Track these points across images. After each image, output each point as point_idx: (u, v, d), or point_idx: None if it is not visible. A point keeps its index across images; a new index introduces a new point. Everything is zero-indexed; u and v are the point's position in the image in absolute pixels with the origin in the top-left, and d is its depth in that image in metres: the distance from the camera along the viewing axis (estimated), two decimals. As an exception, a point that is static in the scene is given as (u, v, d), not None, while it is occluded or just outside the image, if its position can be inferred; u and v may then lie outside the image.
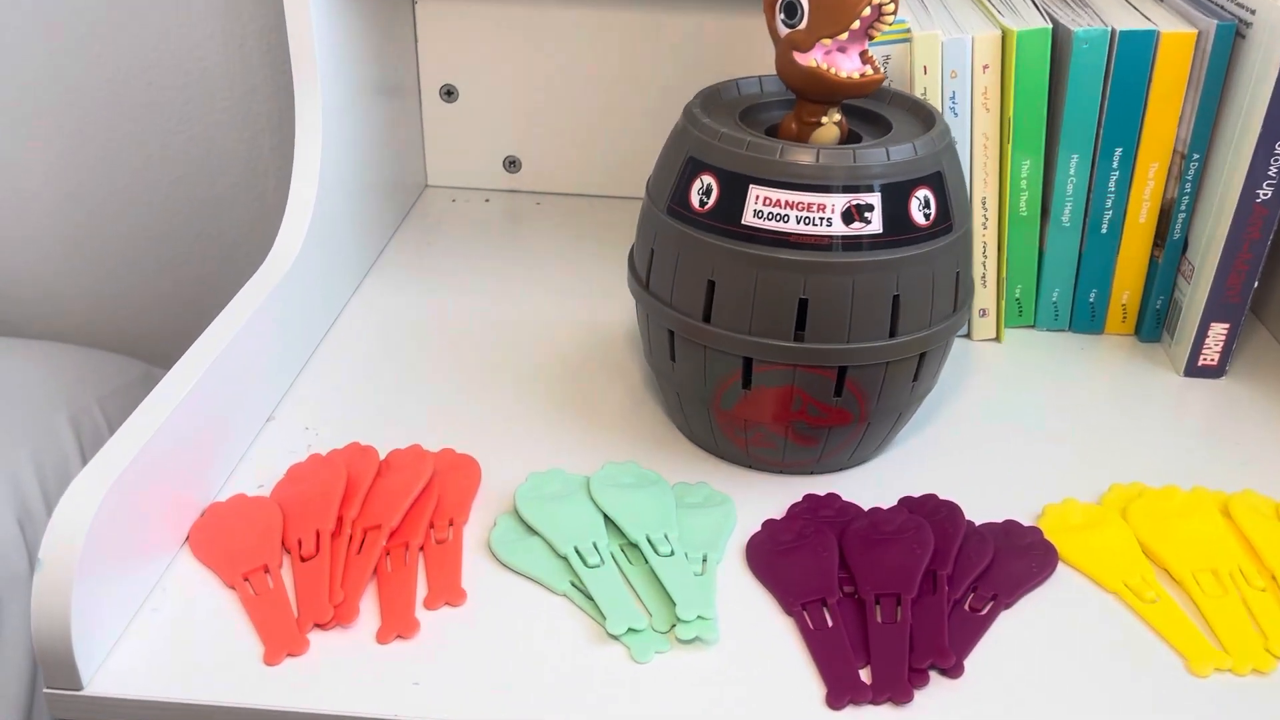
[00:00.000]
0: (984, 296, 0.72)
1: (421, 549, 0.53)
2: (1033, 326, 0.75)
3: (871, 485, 0.59)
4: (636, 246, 0.59)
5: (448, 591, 0.50)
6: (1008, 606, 0.51)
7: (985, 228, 0.70)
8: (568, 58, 0.89)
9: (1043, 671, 0.48)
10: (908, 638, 0.48)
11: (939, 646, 0.47)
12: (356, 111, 0.76)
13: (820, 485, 0.59)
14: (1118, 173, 0.69)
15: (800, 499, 0.57)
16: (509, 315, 0.75)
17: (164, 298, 1.06)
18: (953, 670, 0.47)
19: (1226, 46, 0.64)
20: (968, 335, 0.73)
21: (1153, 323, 0.73)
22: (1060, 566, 0.53)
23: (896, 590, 0.50)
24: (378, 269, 0.80)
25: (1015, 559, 0.53)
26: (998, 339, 0.73)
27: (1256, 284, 0.66)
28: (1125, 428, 0.65)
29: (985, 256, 0.71)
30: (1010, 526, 0.55)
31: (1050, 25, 0.65)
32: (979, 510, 0.56)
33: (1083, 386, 0.69)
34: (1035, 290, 0.73)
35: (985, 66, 0.66)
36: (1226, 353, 0.69)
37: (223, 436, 0.57)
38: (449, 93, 0.91)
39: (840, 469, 0.60)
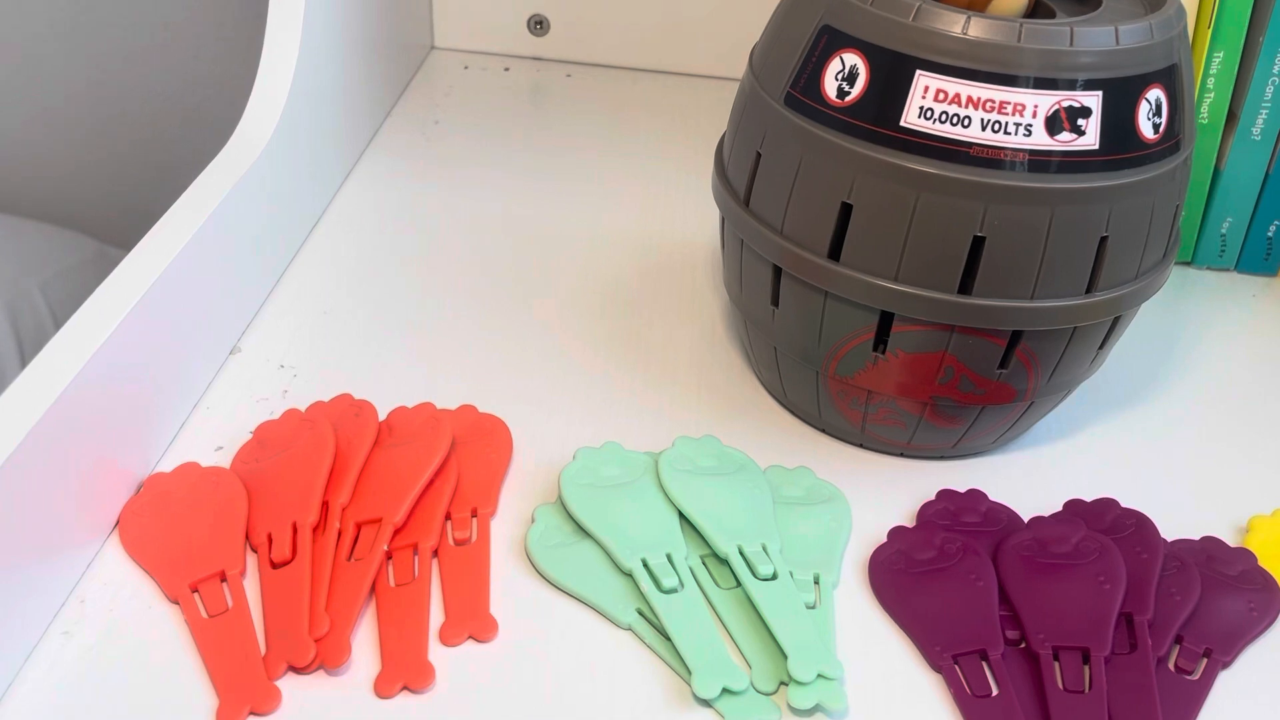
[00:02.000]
0: (1141, 225, 0.57)
1: (436, 553, 0.39)
2: (1189, 264, 0.60)
3: (1022, 479, 0.45)
4: (732, 146, 0.44)
5: (473, 619, 0.37)
6: (1226, 666, 0.38)
7: (1158, 138, 0.55)
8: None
9: (1278, 763, 0.35)
10: (1105, 716, 0.35)
11: (1152, 733, 0.34)
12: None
13: (956, 475, 0.45)
14: (1335, 74, 0.53)
15: (934, 496, 0.43)
16: (541, 222, 0.59)
17: (132, 178, 0.90)
18: (1171, 769, 0.34)
19: None
20: (1112, 272, 0.59)
21: (1343, 267, 0.59)
22: (1281, 606, 0.40)
23: (1083, 644, 0.37)
24: (372, 152, 0.64)
25: (1227, 597, 0.40)
26: (1150, 278, 0.59)
27: None
28: (1324, 405, 0.51)
29: (1151, 175, 0.56)
30: (1211, 548, 0.42)
31: None
32: (1163, 520, 0.43)
33: (1260, 346, 0.55)
34: (1201, 219, 0.59)
35: (1195, -79, 0.50)
36: None
37: (170, 376, 0.43)
38: (464, -69, 0.73)
39: (979, 454, 0.46)
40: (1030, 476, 0.45)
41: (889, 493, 0.44)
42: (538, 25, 0.76)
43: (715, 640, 0.36)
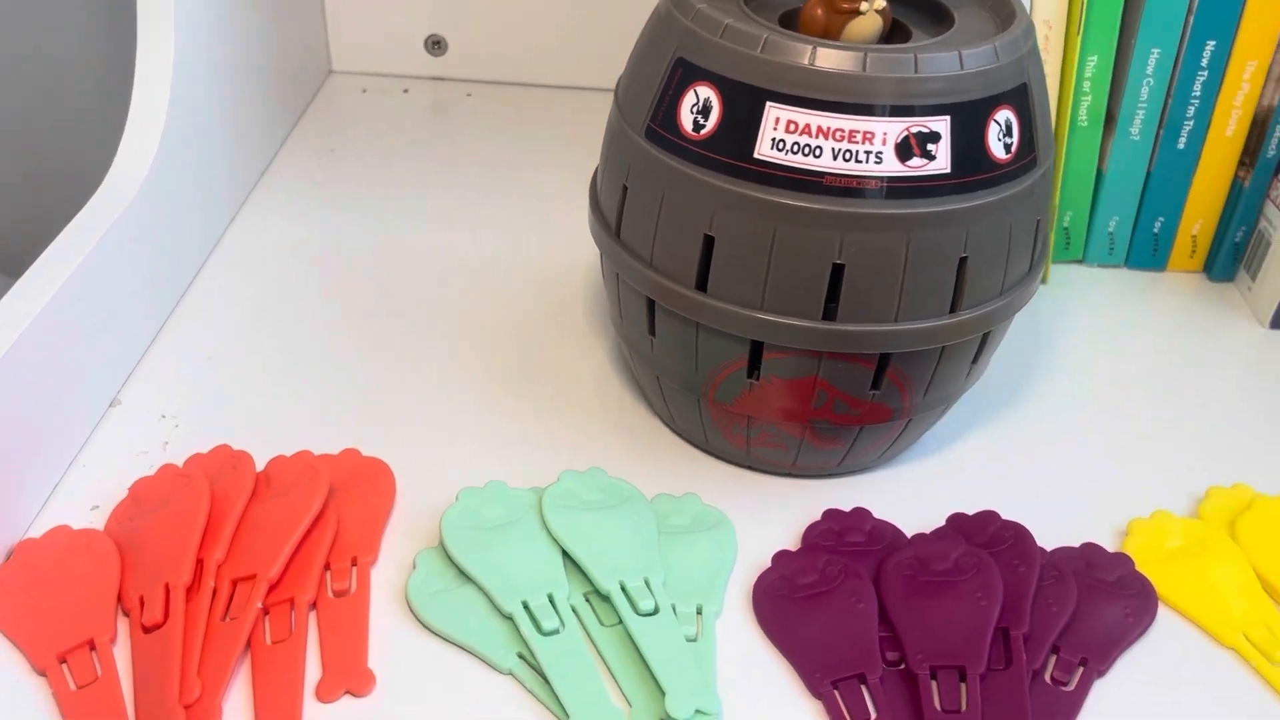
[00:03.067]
0: (1029, 228, 0.58)
1: (314, 606, 0.39)
2: (1081, 261, 0.61)
3: (908, 494, 0.45)
4: (603, 178, 0.44)
5: (349, 674, 0.36)
6: (1101, 675, 0.38)
7: (1038, 143, 0.55)
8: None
9: (1151, 769, 0.36)
10: (979, 734, 0.35)
11: (1023, 751, 0.35)
12: (226, -21, 0.58)
13: (842, 493, 0.45)
14: (1206, 73, 0.54)
15: (819, 517, 0.44)
16: (441, 250, 0.59)
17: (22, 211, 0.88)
18: (1042, 783, 0.35)
19: (1370, -92, 0.49)
20: (1005, 274, 0.60)
21: (1228, 259, 0.59)
22: (1159, 610, 0.41)
23: (960, 662, 0.37)
24: (264, 186, 0.63)
25: (1104, 604, 0.40)
26: (1043, 279, 0.59)
27: (1372, 218, 0.53)
28: (1206, 399, 0.52)
29: (1035, 178, 0.56)
30: (1090, 555, 0.42)
31: (1145, -125, 0.50)
32: (1045, 528, 0.43)
33: (1146, 342, 0.56)
34: (1089, 218, 0.59)
35: (1058, -70, 0.50)
36: (1325, 301, 0.56)
37: (43, 435, 0.42)
38: (354, -46, 0.72)
39: (866, 470, 0.46)
40: (915, 491, 0.46)
41: (776, 514, 0.44)
42: (435, 45, 0.76)
43: (594, 681, 0.36)
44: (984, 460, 0.48)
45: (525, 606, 0.38)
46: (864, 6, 0.39)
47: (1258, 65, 0.54)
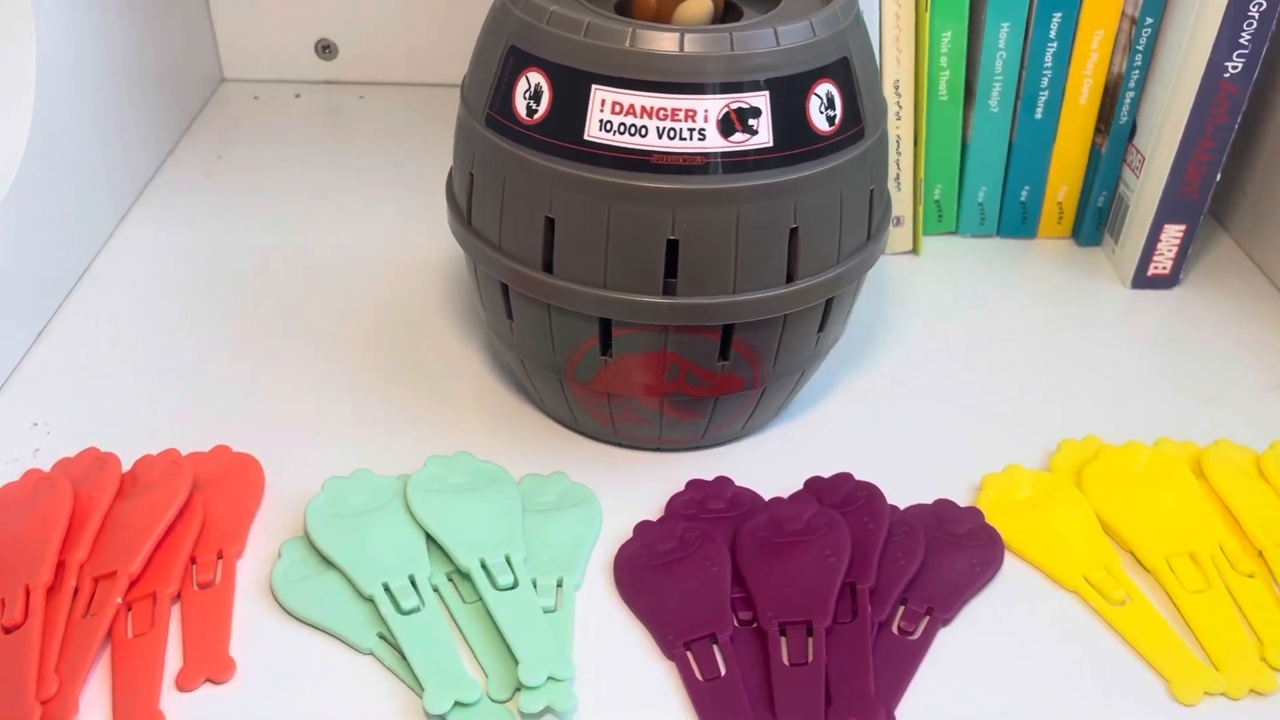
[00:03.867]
0: (899, 202, 0.59)
1: (178, 599, 0.39)
2: (954, 233, 0.63)
3: (771, 461, 0.47)
4: (454, 168, 0.45)
5: (209, 662, 0.37)
6: (946, 623, 0.40)
7: (899, 118, 0.57)
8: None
9: (994, 709, 0.37)
10: (823, 684, 0.37)
11: (862, 698, 0.36)
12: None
13: (708, 464, 0.46)
14: (1055, 44, 0.56)
15: (683, 487, 0.45)
16: (319, 251, 0.59)
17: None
18: (881, 727, 0.36)
19: (1193, -122, 0.51)
20: (879, 248, 0.61)
21: (1093, 223, 0.61)
22: (1007, 558, 0.43)
23: (807, 617, 0.38)
24: (149, 194, 0.64)
25: (952, 556, 0.42)
26: (915, 251, 0.61)
27: (1219, 177, 0.55)
28: (1068, 358, 0.54)
29: (899, 154, 0.58)
30: (943, 510, 0.44)
31: None
32: (905, 487, 0.45)
33: (1015, 307, 0.58)
34: (958, 190, 0.61)
35: (898, -89, 0.52)
36: (1181, 259, 0.58)
37: (-93, 451, 0.42)
38: (236, -39, 0.73)
39: (732, 440, 0.48)
40: (778, 458, 0.47)
41: (643, 487, 0.45)
42: (325, 49, 0.76)
43: (451, 655, 0.37)
44: (849, 426, 0.49)
45: (386, 588, 0.39)
46: (691, -11, 0.40)
47: (1104, 34, 0.56)
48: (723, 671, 0.37)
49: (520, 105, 0.39)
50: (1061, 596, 0.41)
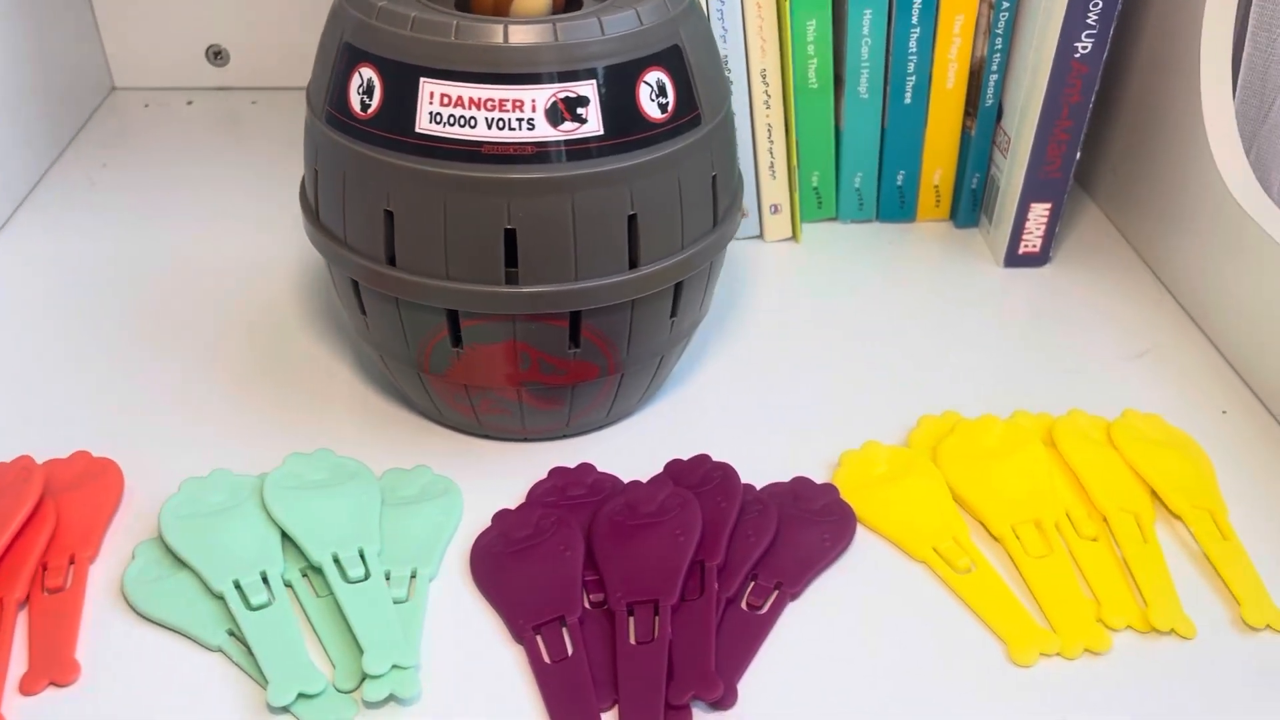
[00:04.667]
0: (774, 190, 0.60)
1: (26, 604, 0.39)
2: (835, 219, 0.64)
3: (637, 446, 0.47)
4: (305, 166, 0.45)
5: (53, 665, 0.37)
6: (795, 597, 0.41)
7: (769, 107, 0.58)
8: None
9: (838, 678, 0.38)
10: (665, 660, 0.37)
11: (703, 672, 0.37)
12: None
13: (574, 452, 0.47)
14: (919, 29, 0.57)
15: (545, 476, 0.45)
16: (196, 257, 0.59)
17: None
18: (723, 701, 0.37)
19: None
20: (760, 237, 0.62)
21: (969, 205, 0.63)
22: (860, 532, 0.44)
23: (654, 596, 0.39)
24: (30, 204, 0.63)
25: (804, 531, 0.43)
26: (794, 238, 0.62)
27: (1079, 155, 0.57)
28: (938, 339, 0.55)
29: (772, 141, 0.59)
30: (799, 487, 0.45)
31: None
32: (767, 467, 0.46)
33: (891, 290, 0.59)
34: (835, 177, 0.62)
35: (750, -98, 0.53)
36: (1050, 238, 0.59)
37: None
38: (120, -31, 0.72)
39: (599, 428, 0.48)
40: (644, 443, 0.48)
41: (508, 478, 0.46)
42: (216, 56, 0.76)
43: (298, 648, 0.37)
44: (718, 410, 0.50)
45: (237, 585, 0.39)
46: (527, -18, 0.41)
47: (965, 19, 0.57)
48: (569, 652, 0.38)
49: (355, 101, 0.40)
50: (911, 567, 0.42)
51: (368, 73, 0.39)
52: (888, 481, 0.45)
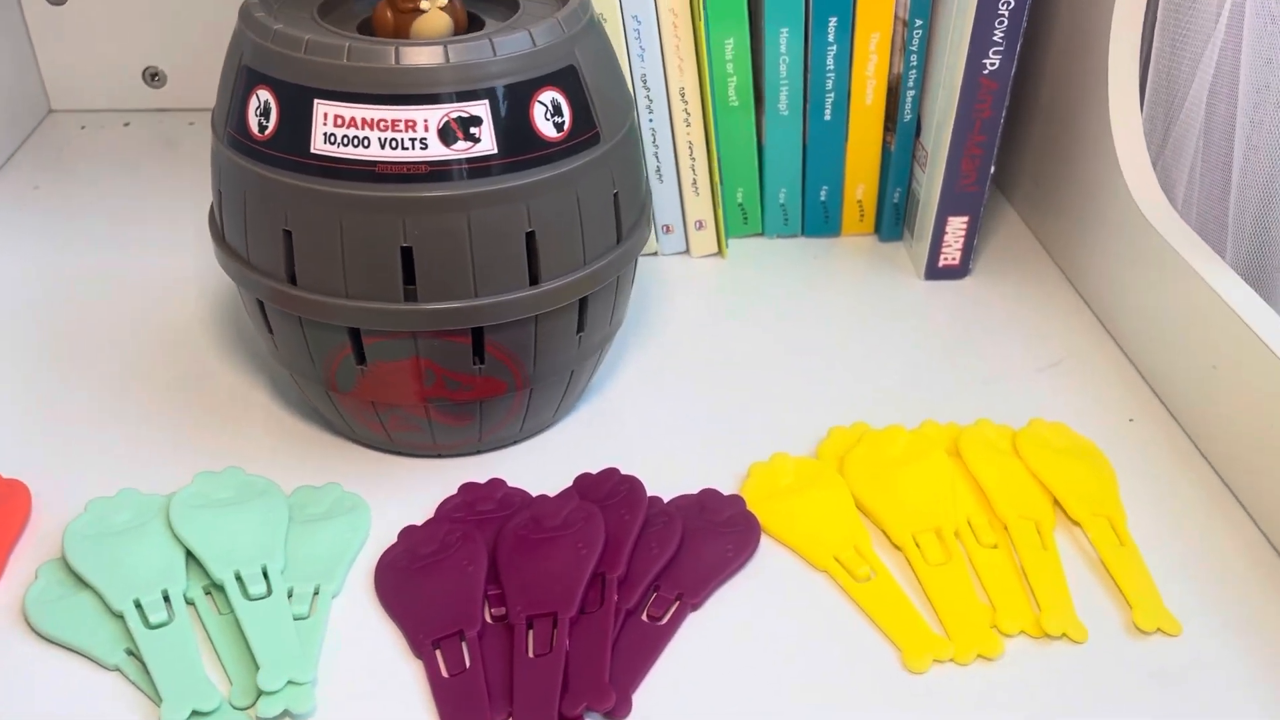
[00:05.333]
0: (698, 206, 0.61)
1: (-74, 627, 0.39)
2: (761, 234, 0.65)
3: (548, 462, 0.48)
4: (212, 189, 0.45)
5: (-50, 688, 0.37)
6: (695, 608, 0.41)
7: (689, 124, 0.59)
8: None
9: (735, 688, 0.38)
10: (561, 674, 0.38)
11: (596, 683, 0.37)
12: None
13: (486, 467, 0.47)
14: (835, 47, 0.58)
15: (455, 492, 0.46)
16: (118, 277, 0.59)
17: None
18: (616, 711, 0.37)
19: (941, -114, 0.54)
20: (686, 252, 0.63)
21: (892, 219, 0.64)
22: (765, 542, 0.44)
23: (552, 609, 0.39)
24: (-42, 227, 0.64)
25: (709, 542, 0.43)
26: (720, 253, 0.63)
27: (995, 169, 0.58)
28: (857, 351, 0.56)
29: (694, 159, 0.60)
30: (707, 499, 0.45)
31: None
32: (678, 479, 0.46)
33: (814, 303, 0.59)
34: (759, 192, 0.63)
35: (661, -76, 0.53)
36: (969, 250, 0.60)
37: None
38: (54, -7, 0.72)
39: (514, 442, 0.49)
40: (557, 458, 0.48)
41: (419, 494, 0.46)
42: (153, 78, 0.76)
43: (194, 666, 0.38)
44: (633, 423, 0.50)
45: (137, 604, 0.39)
46: (425, 5, 0.42)
47: (880, 37, 0.58)
48: (467, 666, 0.38)
49: (253, 123, 0.40)
50: (813, 576, 0.43)
51: (264, 95, 0.39)
52: (793, 492, 0.46)
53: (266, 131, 0.40)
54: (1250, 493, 0.46)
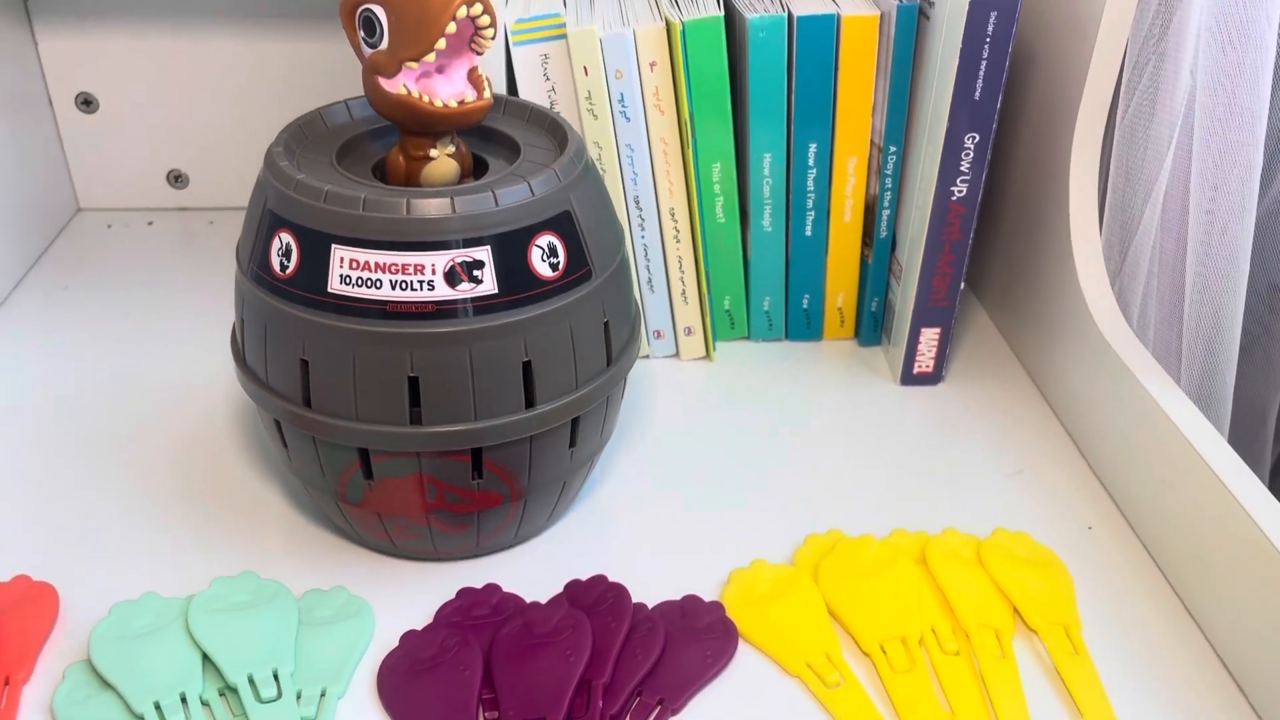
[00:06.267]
0: (687, 313, 0.65)
1: (-39, 726, 0.42)
2: (747, 338, 0.68)
3: (541, 567, 0.51)
4: (235, 315, 0.49)
5: (-16, 786, 0.40)
6: (675, 712, 0.44)
7: (678, 241, 0.63)
8: (221, 62, 0.76)
9: (711, 790, 0.42)
10: (549, 778, 0.41)
11: (582, 787, 0.40)
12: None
13: (483, 571, 0.51)
14: (815, 170, 0.62)
15: (453, 596, 0.49)
16: (141, 378, 0.63)
17: None
18: (599, 814, 0.40)
19: (910, 29, 0.58)
20: (676, 355, 0.66)
21: (870, 326, 0.67)
22: (742, 648, 0.47)
23: (542, 714, 0.42)
24: (-9, 327, 0.67)
25: (689, 648, 0.46)
26: (708, 357, 0.66)
27: (966, 284, 0.62)
28: (834, 456, 0.59)
29: (683, 271, 0.64)
30: (689, 605, 0.48)
31: (721, 14, 0.58)
32: (661, 585, 0.49)
33: (795, 407, 0.63)
34: (745, 300, 0.67)
35: (653, 64, 0.58)
36: (941, 359, 0.64)
37: None
38: (87, 102, 0.77)
39: (508, 546, 0.52)
40: (549, 563, 0.51)
41: (420, 597, 0.49)
42: (176, 179, 0.81)
43: (210, 767, 0.41)
44: (622, 528, 0.54)
45: (157, 706, 0.42)
46: (434, 153, 0.46)
47: (857, 160, 0.62)
48: (462, 769, 0.41)
49: (275, 261, 0.44)
50: (787, 682, 0.46)
51: (286, 237, 0.43)
52: (770, 599, 0.49)
53: (288, 270, 0.43)
54: (1200, 607, 0.49)
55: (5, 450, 0.57)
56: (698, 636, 0.47)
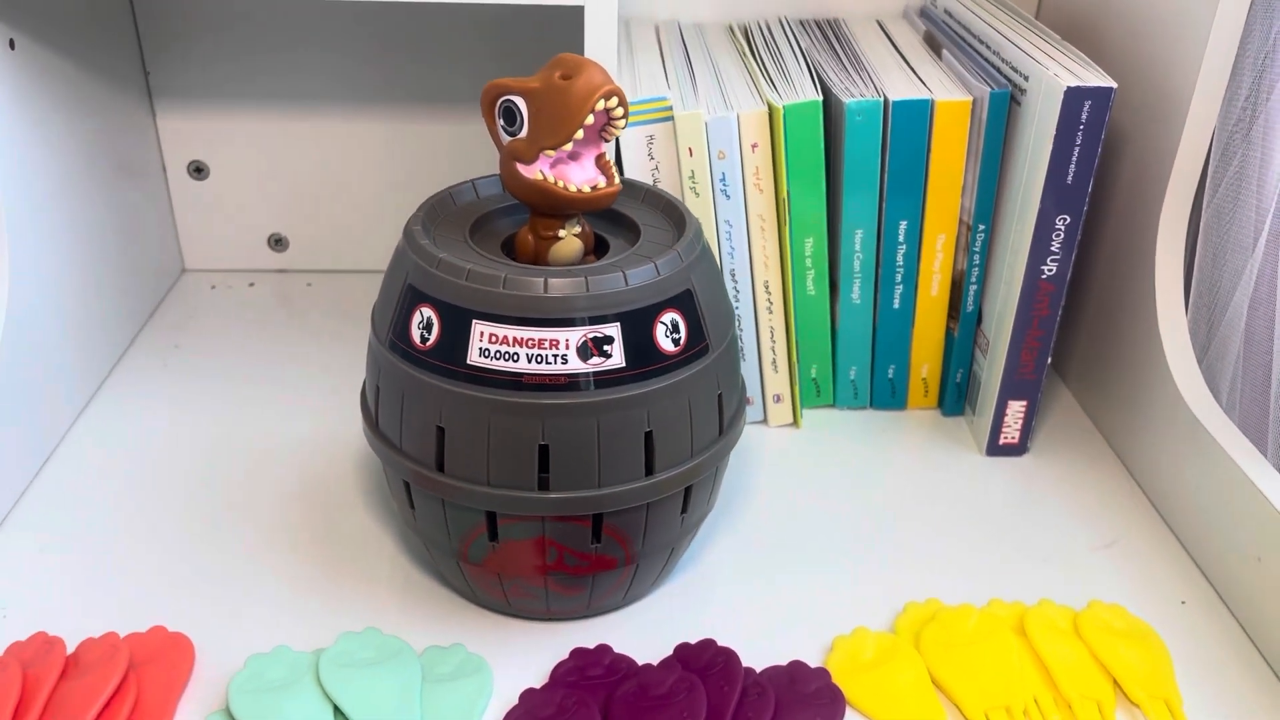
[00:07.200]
0: (776, 381, 0.67)
1: (110, 772, 0.44)
2: (832, 406, 0.70)
3: (649, 628, 0.53)
4: (367, 379, 0.52)
5: (135, 830, 0.42)
6: (788, 776, 0.46)
7: (771, 312, 0.65)
8: (319, 136, 0.80)
9: None
10: (673, 837, 0.42)
11: None
12: (74, 196, 0.66)
13: (591, 632, 0.52)
14: (905, 246, 0.65)
15: (567, 655, 0.51)
16: (259, 436, 0.66)
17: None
18: None
19: (1002, 114, 0.61)
20: (764, 422, 0.68)
21: (954, 397, 0.69)
22: (850, 715, 0.48)
23: (662, 774, 0.44)
24: (110, 384, 0.71)
25: (798, 714, 0.48)
26: (795, 424, 0.68)
27: (1050, 360, 0.63)
28: (924, 523, 0.61)
29: (774, 341, 0.66)
30: (796, 670, 0.50)
31: (820, 98, 0.61)
32: (766, 650, 0.51)
33: (882, 475, 0.65)
34: (832, 369, 0.69)
35: (754, 145, 0.61)
36: (1027, 431, 0.65)
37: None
38: (198, 170, 0.81)
39: (616, 608, 0.54)
40: (655, 625, 0.53)
41: (533, 655, 0.51)
42: (277, 243, 0.84)
43: (348, 817, 0.42)
44: (723, 592, 0.55)
45: (295, 756, 0.44)
46: (562, 233, 0.48)
47: (946, 238, 0.65)
48: (588, 826, 0.43)
49: (415, 334, 0.47)
50: (894, 749, 0.47)
51: (428, 312, 0.46)
52: (875, 666, 0.50)
53: (428, 343, 0.46)
54: (1297, 680, 0.50)
55: (134, 503, 0.60)
56: (806, 702, 0.48)
